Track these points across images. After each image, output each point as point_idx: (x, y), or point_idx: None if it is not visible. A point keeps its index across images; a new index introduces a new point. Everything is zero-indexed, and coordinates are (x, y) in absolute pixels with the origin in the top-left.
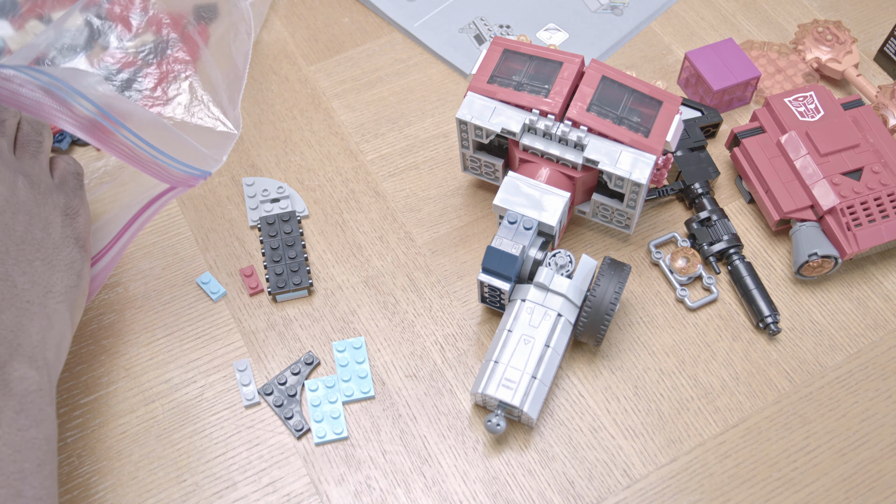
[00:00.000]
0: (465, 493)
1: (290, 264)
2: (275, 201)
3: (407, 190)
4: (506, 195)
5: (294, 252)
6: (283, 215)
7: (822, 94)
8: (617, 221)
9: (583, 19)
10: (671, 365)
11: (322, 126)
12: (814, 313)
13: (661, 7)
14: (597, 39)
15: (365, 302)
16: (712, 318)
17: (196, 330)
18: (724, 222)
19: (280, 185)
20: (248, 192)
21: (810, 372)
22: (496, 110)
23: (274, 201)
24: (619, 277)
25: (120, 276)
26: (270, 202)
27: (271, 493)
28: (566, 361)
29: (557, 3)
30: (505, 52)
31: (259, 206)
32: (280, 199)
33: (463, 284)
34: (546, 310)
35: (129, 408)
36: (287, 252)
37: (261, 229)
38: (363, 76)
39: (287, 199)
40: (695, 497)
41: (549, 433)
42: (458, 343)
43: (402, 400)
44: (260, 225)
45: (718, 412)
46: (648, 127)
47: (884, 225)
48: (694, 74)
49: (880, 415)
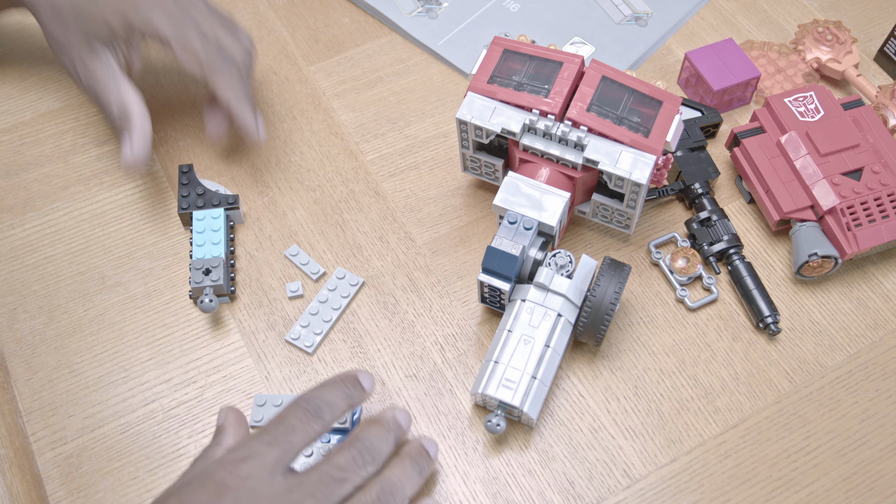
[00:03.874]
0: (465, 493)
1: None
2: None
3: (407, 190)
4: (506, 195)
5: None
6: (214, 213)
7: (822, 94)
8: (617, 221)
9: (607, 32)
10: (671, 365)
11: (322, 126)
12: (814, 313)
13: (686, 16)
14: (623, 51)
15: (365, 302)
16: (712, 318)
17: (196, 330)
18: (724, 222)
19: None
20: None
21: (810, 372)
22: (496, 110)
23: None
24: (619, 277)
25: (120, 276)
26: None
27: None
28: (566, 361)
29: (581, 16)
30: (505, 52)
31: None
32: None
33: (463, 284)
34: (546, 310)
35: (129, 408)
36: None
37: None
38: (363, 76)
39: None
40: (695, 497)
41: (549, 433)
42: (458, 343)
43: (402, 400)
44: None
45: (718, 412)
46: (648, 127)
47: (884, 225)
48: (694, 74)
49: (880, 415)
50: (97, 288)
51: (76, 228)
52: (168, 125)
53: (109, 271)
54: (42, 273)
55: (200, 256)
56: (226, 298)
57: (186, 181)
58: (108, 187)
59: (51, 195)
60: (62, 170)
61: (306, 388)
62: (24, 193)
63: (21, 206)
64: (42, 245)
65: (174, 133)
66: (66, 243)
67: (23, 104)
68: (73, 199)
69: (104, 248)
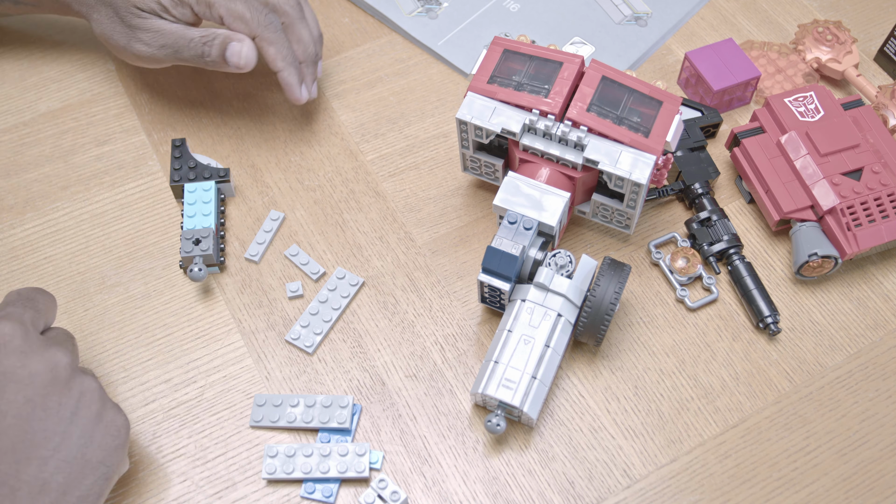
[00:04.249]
0: (465, 493)
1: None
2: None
3: (407, 190)
4: (506, 195)
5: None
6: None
7: (822, 94)
8: (617, 221)
9: (608, 32)
10: (671, 365)
11: (322, 126)
12: (814, 313)
13: (686, 16)
14: (623, 51)
15: (365, 302)
16: (712, 318)
17: (196, 330)
18: (724, 222)
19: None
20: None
21: (810, 372)
22: (496, 110)
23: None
24: (619, 277)
25: (120, 276)
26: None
27: (271, 492)
28: (566, 361)
29: (581, 16)
30: (505, 52)
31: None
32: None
33: (463, 284)
34: (546, 310)
35: (129, 408)
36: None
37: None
38: (363, 76)
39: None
40: (695, 497)
41: (549, 433)
42: (458, 343)
43: (402, 400)
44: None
45: (718, 412)
46: (648, 127)
47: (884, 225)
48: (694, 74)
49: (880, 415)
50: (97, 288)
51: (76, 228)
52: (170, 124)
53: (109, 271)
54: (42, 273)
55: (191, 227)
56: (215, 269)
57: (179, 154)
58: (108, 187)
59: (51, 195)
60: (62, 170)
61: (306, 388)
62: (24, 193)
63: (21, 206)
64: (42, 245)
65: (173, 131)
66: (66, 243)
67: (23, 104)
68: (73, 199)
69: (104, 248)
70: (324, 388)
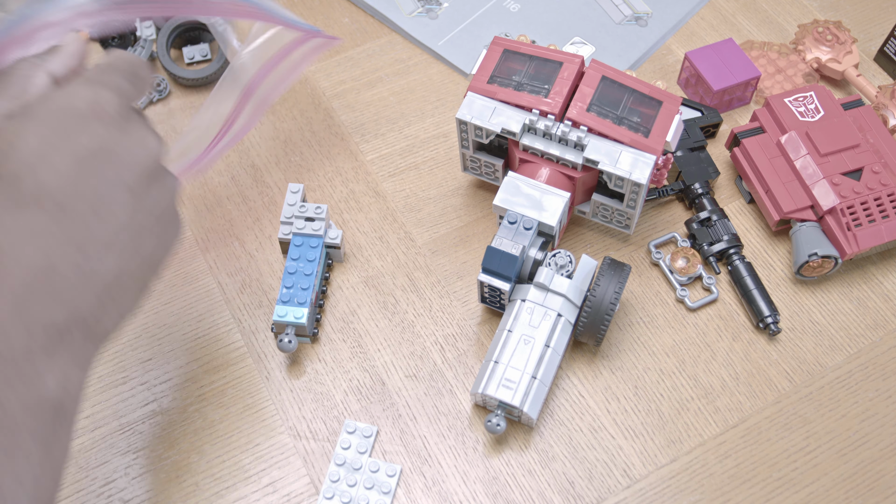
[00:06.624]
0: (465, 493)
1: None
2: (309, 220)
3: (407, 190)
4: (506, 195)
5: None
6: (313, 240)
7: (822, 94)
8: (617, 221)
9: (608, 32)
10: (671, 365)
11: (322, 126)
12: (814, 313)
13: (686, 16)
14: (623, 51)
15: (365, 302)
16: (712, 318)
17: (196, 330)
18: (724, 222)
19: (318, 207)
20: (289, 198)
21: (810, 372)
22: (496, 110)
23: (308, 220)
24: (619, 277)
25: None
26: (304, 220)
27: (271, 493)
28: (566, 361)
29: (581, 16)
30: (505, 52)
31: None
32: (314, 220)
33: (463, 284)
34: (546, 310)
35: (129, 408)
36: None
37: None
38: (363, 76)
39: (321, 221)
40: (695, 497)
41: (549, 433)
42: (458, 343)
43: (402, 400)
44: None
45: (718, 412)
46: (648, 127)
47: (884, 225)
48: (694, 74)
49: (880, 415)
50: None
51: None
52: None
53: None
54: None
55: (290, 285)
56: (307, 339)
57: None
58: None
59: None
60: None
61: (306, 388)
62: None
63: None
64: None
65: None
66: None
67: None
68: None
69: None
70: (324, 388)
